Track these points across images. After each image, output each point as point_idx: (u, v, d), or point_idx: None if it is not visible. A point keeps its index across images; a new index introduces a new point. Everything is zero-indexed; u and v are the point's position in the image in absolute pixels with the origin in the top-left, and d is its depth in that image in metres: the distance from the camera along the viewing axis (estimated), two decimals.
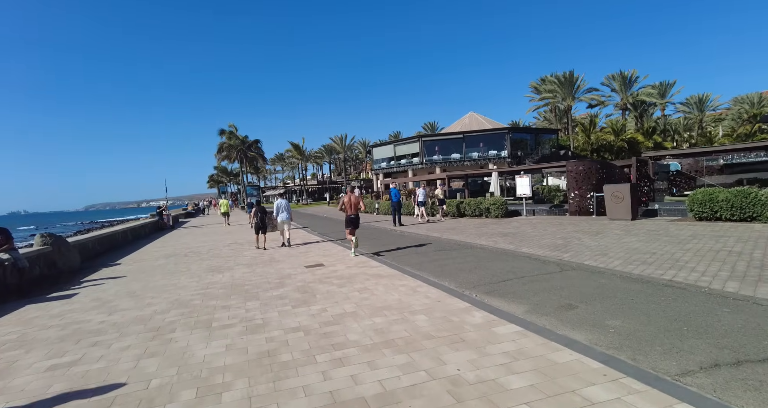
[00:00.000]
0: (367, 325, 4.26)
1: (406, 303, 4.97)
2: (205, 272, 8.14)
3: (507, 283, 5.71)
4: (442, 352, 3.43)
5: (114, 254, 12.39)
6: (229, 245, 12.75)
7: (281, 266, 8.25)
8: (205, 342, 4.11)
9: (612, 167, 16.07)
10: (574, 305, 4.52)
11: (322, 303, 5.26)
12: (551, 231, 10.99)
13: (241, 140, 49.46)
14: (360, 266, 7.62)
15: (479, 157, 39.26)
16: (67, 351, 4.07)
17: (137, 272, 8.74)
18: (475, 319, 4.21)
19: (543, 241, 9.31)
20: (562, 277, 5.84)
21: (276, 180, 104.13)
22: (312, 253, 9.89)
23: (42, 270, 8.61)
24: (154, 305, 5.73)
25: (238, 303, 5.57)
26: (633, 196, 12.21)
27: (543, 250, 8.14)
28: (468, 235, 11.46)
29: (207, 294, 6.21)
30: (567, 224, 12.26)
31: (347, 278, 6.63)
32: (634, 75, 48.95)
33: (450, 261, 7.66)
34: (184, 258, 10.49)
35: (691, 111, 55.58)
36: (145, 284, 7.31)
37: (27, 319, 5.43)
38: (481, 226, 13.64)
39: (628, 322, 4.00)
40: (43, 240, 9.11)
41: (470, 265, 7.13)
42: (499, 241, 9.75)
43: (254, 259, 9.44)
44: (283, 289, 6.17)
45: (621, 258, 6.79)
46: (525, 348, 3.40)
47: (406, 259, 8.15)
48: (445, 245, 9.84)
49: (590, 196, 14.80)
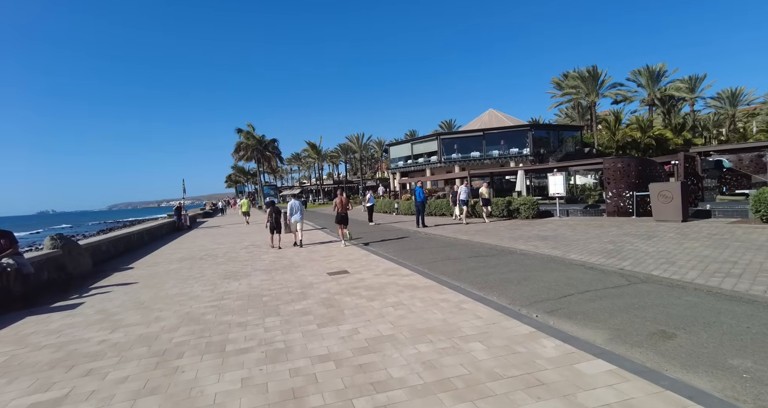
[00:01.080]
0: (411, 356, 3.47)
1: (454, 324, 4.17)
2: (221, 279, 7.50)
3: (570, 300, 4.84)
4: (520, 403, 2.62)
5: (128, 256, 11.94)
6: (246, 247, 12.16)
7: (302, 273, 7.55)
8: (216, 373, 3.40)
9: (652, 164, 14.89)
10: (669, 333, 3.63)
11: (352, 321, 4.51)
12: (594, 234, 10.00)
13: (258, 139, 49.35)
14: (389, 274, 6.85)
15: (500, 155, 38.02)
16: (55, 383, 3.41)
17: (149, 278, 8.17)
18: (547, 351, 3.38)
19: (590, 245, 8.35)
20: (635, 293, 4.93)
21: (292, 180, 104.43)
22: (334, 257, 9.18)
23: (51, 275, 8.12)
24: (162, 320, 5.08)
25: (255, 319, 4.87)
26: (684, 196, 11.08)
27: (595, 256, 7.20)
28: (501, 237, 10.56)
29: (221, 307, 5.54)
30: (609, 226, 11.23)
31: (377, 289, 5.86)
32: (663, 69, 46.76)
33: (492, 270, 6.80)
34: (200, 262, 9.91)
35: (723, 106, 52.90)
36: (156, 293, 6.70)
37: (22, 335, 4.84)
38: (512, 227, 12.71)
39: (763, 362, 3.08)
40: (53, 243, 8.62)
41: (517, 275, 6.26)
42: (540, 245, 8.83)
43: (273, 264, 8.78)
44: (305, 302, 5.45)
45: (696, 268, 5.83)
46: (632, 400, 2.55)
47: (440, 267, 7.33)
48: (480, 250, 8.96)
49: (628, 195, 13.71)
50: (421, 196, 15.31)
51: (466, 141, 39.93)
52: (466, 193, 15.36)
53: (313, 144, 69.99)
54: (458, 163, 38.93)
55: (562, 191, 14.67)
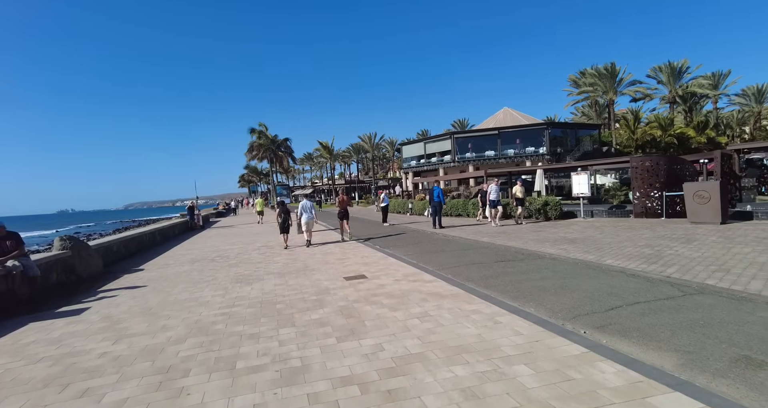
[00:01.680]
0: (447, 380, 3.01)
1: (491, 342, 3.68)
2: (232, 283, 7.14)
3: (619, 314, 4.30)
4: None
5: (140, 257, 11.73)
6: (259, 249, 11.83)
7: (317, 277, 7.13)
8: (226, 397, 2.99)
9: (683, 163, 14.13)
10: (757, 359, 3.06)
11: (375, 335, 4.06)
12: (626, 236, 9.36)
13: (270, 139, 49.33)
14: (410, 280, 6.38)
15: (515, 154, 37.22)
16: (46, 406, 3.04)
17: (159, 281, 7.87)
18: (608, 378, 2.88)
19: (625, 249, 7.75)
20: (694, 306, 4.37)
21: (304, 180, 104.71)
22: (349, 260, 8.75)
23: (59, 277, 7.88)
24: (169, 329, 4.71)
25: (269, 329, 4.46)
26: (723, 196, 10.35)
27: (634, 262, 6.62)
28: (525, 240, 9.99)
29: (232, 315, 5.15)
30: (640, 228, 10.57)
31: (399, 297, 5.41)
32: (685, 65, 45.15)
33: (523, 276, 6.27)
34: (211, 264, 9.60)
35: (748, 103, 51.00)
36: (165, 298, 6.36)
37: (21, 345, 4.51)
38: (535, 229, 12.11)
39: None
40: (62, 244, 8.39)
41: (552, 283, 5.72)
42: (570, 249, 8.26)
43: (286, 267, 8.40)
44: (322, 311, 5.02)
45: (758, 277, 5.21)
46: None
47: (465, 272, 6.83)
48: (505, 253, 8.43)
49: (657, 195, 12.99)
50: (440, 196, 14.79)
51: (480, 140, 39.19)
52: (496, 192, 13.72)
53: (326, 144, 69.89)
54: (472, 162, 38.23)
55: (587, 191, 13.99)
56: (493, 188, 13.77)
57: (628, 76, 43.72)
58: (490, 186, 14.08)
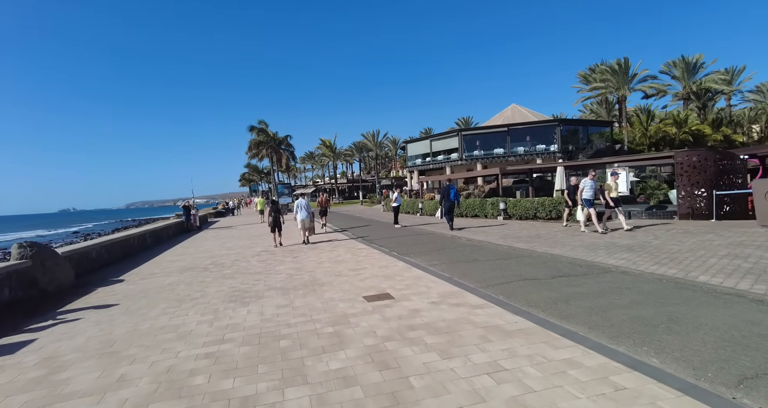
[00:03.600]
0: None
1: None
2: (225, 302, 5.72)
3: None
4: None
5: (125, 264, 10.31)
6: (258, 254, 10.41)
7: (329, 295, 5.70)
8: None
9: (733, 157, 12.69)
10: None
11: None
12: (690, 243, 7.92)
13: (271, 136, 47.97)
14: (451, 303, 4.93)
15: (525, 151, 35.77)
16: None
17: (136, 298, 6.45)
18: None
19: (708, 261, 6.30)
20: None
21: (306, 178, 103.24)
22: (365, 270, 7.33)
23: (15, 293, 6.45)
24: (126, 385, 3.28)
25: (269, 388, 3.04)
26: None
27: (744, 280, 5.12)
28: (570, 246, 8.54)
29: (220, 357, 3.72)
30: (699, 232, 9.11)
31: (446, 333, 3.95)
32: (699, 60, 43.67)
33: (603, 300, 4.78)
34: (203, 273, 8.19)
35: (763, 99, 49.52)
36: (137, 325, 4.94)
37: None
38: (571, 232, 10.67)
39: None
40: (20, 252, 6.96)
41: (653, 313, 4.21)
42: (634, 259, 6.80)
43: (290, 279, 6.97)
44: (344, 355, 3.59)
45: None
46: None
47: (519, 293, 5.36)
48: (558, 265, 6.94)
49: (704, 194, 11.60)
50: (456, 196, 13.36)
51: (488, 137, 37.72)
52: (592, 188, 10.62)
53: (328, 141, 68.47)
54: (480, 160, 36.81)
55: (625, 190, 12.55)
56: (588, 184, 10.69)
57: (642, 72, 42.16)
58: (584, 181, 10.94)
